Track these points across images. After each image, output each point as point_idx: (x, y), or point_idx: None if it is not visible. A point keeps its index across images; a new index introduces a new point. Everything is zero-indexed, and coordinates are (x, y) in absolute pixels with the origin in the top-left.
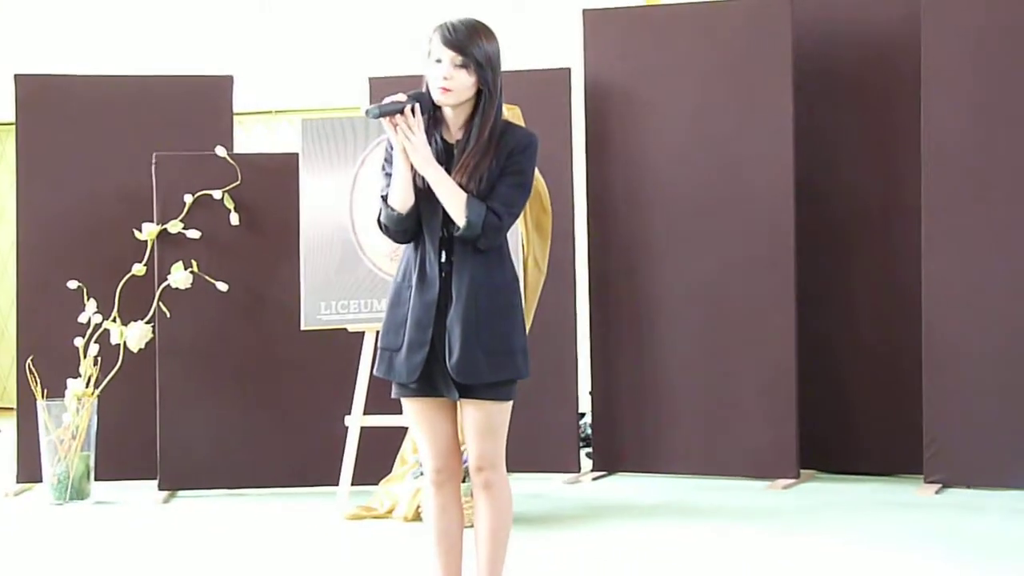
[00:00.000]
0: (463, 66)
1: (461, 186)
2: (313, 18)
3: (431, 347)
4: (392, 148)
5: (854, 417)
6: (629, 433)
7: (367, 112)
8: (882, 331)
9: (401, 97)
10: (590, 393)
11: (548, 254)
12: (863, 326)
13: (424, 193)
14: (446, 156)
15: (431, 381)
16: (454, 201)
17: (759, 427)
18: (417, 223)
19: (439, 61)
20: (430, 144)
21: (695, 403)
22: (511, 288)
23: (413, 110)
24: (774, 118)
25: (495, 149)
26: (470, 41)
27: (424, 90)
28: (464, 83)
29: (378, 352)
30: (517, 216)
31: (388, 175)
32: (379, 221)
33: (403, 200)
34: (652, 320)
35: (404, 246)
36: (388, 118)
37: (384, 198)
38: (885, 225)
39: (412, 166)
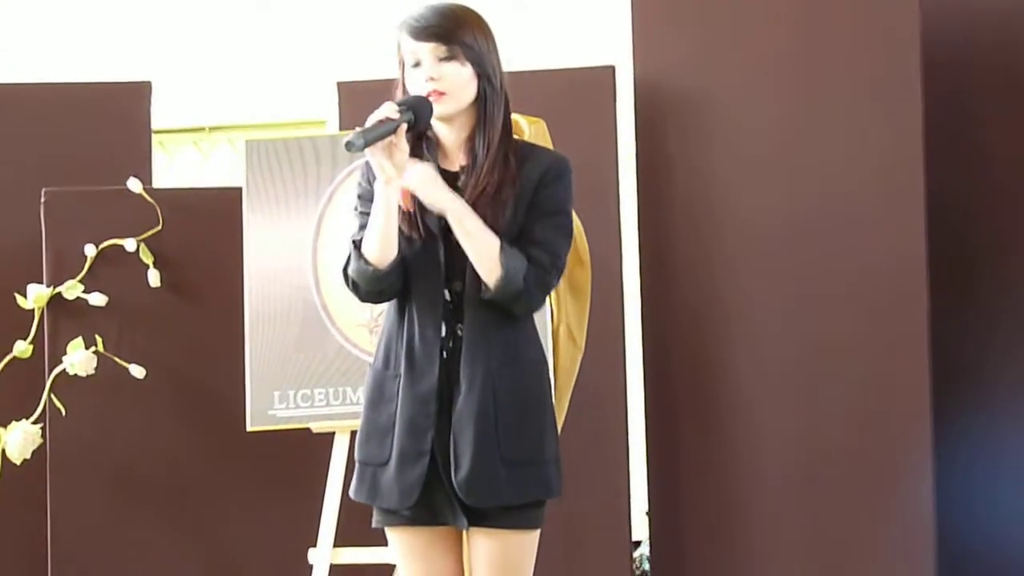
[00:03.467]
0: (451, 57)
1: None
2: (257, 8)
3: (431, 457)
4: (371, 179)
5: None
6: (700, 569)
7: (348, 145)
8: None
9: (391, 111)
10: (647, 514)
11: (587, 322)
12: None
13: (422, 238)
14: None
15: (430, 504)
16: (484, 245)
17: (880, 568)
18: (400, 282)
19: (417, 64)
20: None
21: (788, 529)
22: (539, 371)
23: (411, 126)
24: (896, 131)
25: (515, 173)
26: (450, 24)
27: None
28: (460, 79)
29: (356, 468)
30: (564, 269)
31: (364, 216)
32: (345, 272)
33: (383, 251)
34: (732, 414)
35: (385, 316)
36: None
37: (356, 244)
38: None
39: (402, 206)
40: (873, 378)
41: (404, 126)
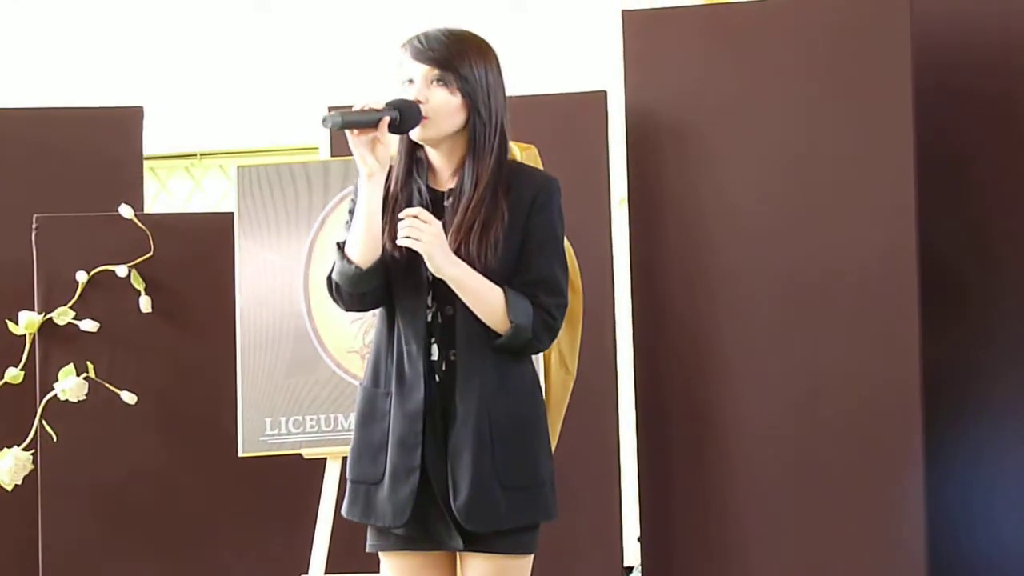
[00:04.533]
0: (442, 83)
1: (466, 260)
2: (250, 34)
3: (422, 476)
4: (357, 187)
5: None
6: None
7: (325, 120)
8: None
9: (375, 103)
10: (639, 540)
11: (579, 348)
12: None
13: (404, 258)
14: (433, 209)
15: (424, 525)
16: (489, 304)
17: None
18: (382, 291)
19: (411, 82)
20: (410, 192)
21: (783, 555)
22: (533, 395)
23: (393, 124)
24: (888, 151)
25: (505, 199)
26: (450, 51)
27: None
28: (446, 107)
29: (348, 486)
30: (567, 306)
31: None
32: (329, 278)
33: (366, 249)
34: (723, 442)
35: (374, 335)
36: (356, 132)
37: (340, 246)
38: None
39: (382, 200)
40: (866, 394)
41: (387, 119)
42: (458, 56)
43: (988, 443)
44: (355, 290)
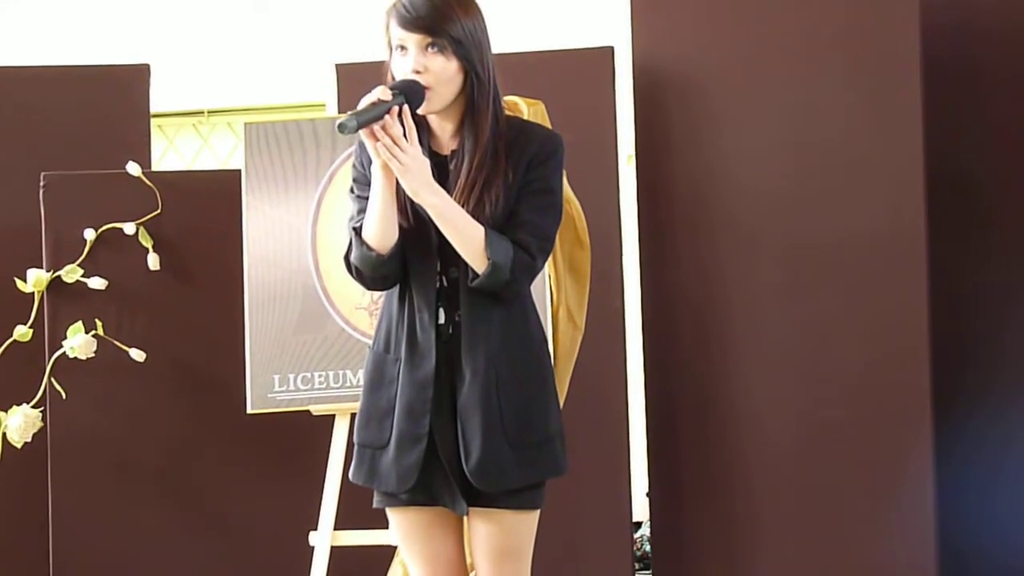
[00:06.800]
0: (436, 49)
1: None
2: None
3: (428, 442)
4: (365, 163)
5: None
6: (701, 550)
7: (341, 127)
8: None
9: (383, 93)
10: (648, 495)
11: (586, 303)
12: None
13: (412, 225)
14: (437, 173)
15: (428, 487)
16: (469, 238)
17: (879, 552)
18: (401, 266)
19: (403, 49)
20: None
21: (789, 511)
22: (540, 352)
23: (401, 111)
24: (896, 108)
25: (507, 157)
26: (439, 14)
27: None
28: (445, 71)
29: (355, 450)
30: (551, 250)
31: (362, 200)
32: (347, 260)
33: (383, 236)
34: (732, 395)
35: (383, 298)
36: (370, 128)
37: (357, 231)
38: None
39: (398, 189)
40: (873, 359)
41: (396, 109)
42: (447, 21)
43: (999, 415)
44: (377, 273)
